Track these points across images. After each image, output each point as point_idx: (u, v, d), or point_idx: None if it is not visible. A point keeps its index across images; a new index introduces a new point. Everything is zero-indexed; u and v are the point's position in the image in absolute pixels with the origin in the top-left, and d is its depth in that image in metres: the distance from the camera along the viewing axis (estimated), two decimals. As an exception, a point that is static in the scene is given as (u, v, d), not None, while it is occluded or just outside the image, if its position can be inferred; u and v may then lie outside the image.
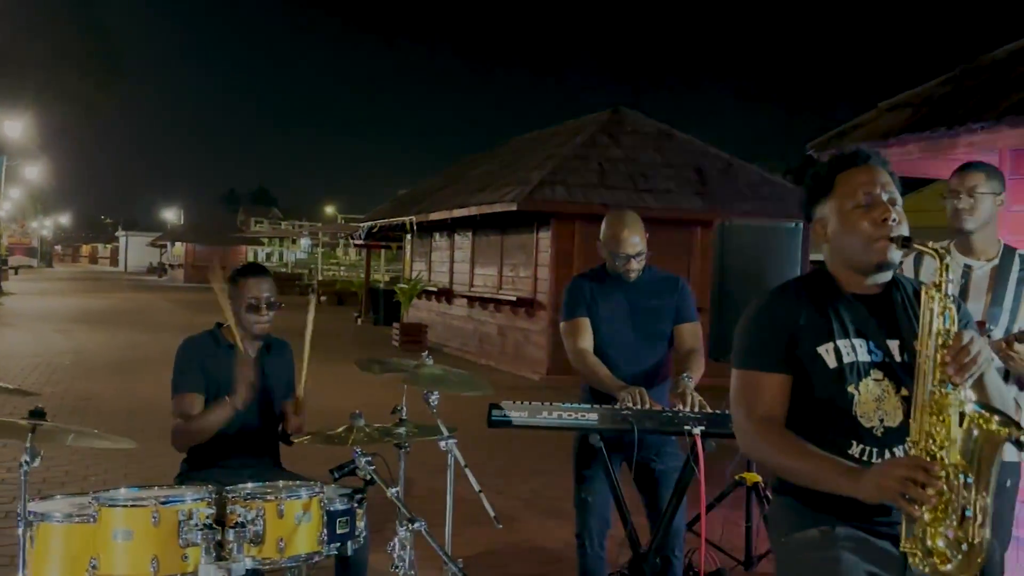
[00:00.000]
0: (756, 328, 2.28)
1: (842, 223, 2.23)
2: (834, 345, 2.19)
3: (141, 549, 2.73)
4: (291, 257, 66.10)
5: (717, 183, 13.87)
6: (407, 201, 20.99)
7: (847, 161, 2.29)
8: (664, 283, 3.87)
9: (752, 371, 2.24)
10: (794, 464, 2.13)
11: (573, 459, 3.75)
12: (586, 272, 3.97)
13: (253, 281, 3.60)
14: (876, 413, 2.16)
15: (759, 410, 2.20)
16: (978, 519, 1.89)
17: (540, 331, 13.45)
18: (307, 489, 2.97)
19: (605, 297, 3.78)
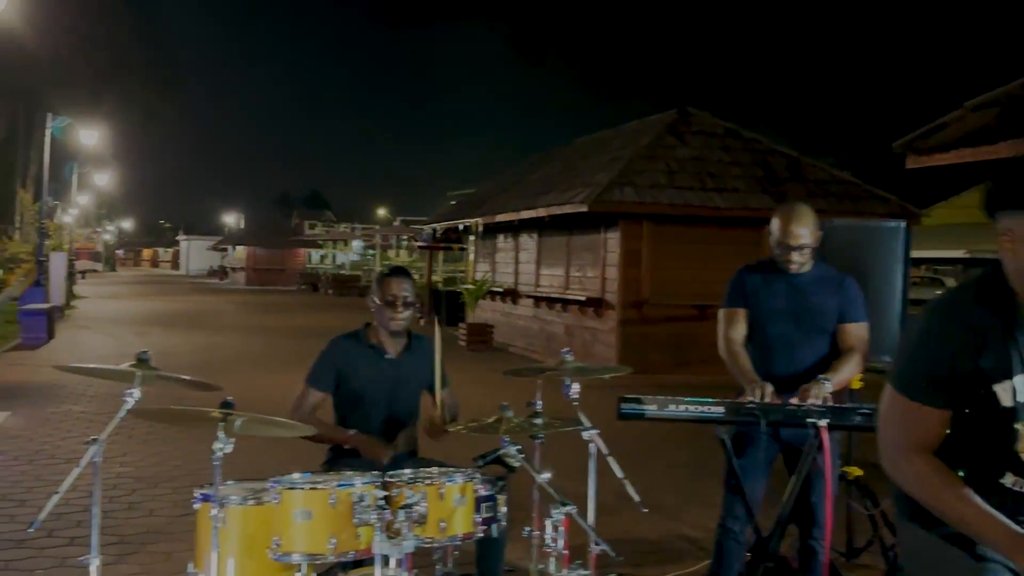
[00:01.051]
0: (928, 356, 2.09)
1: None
2: (1012, 383, 2.04)
3: (320, 528, 2.98)
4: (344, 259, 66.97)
5: (786, 181, 13.90)
6: (469, 204, 21.28)
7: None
8: (830, 281, 3.93)
9: (916, 402, 2.08)
10: (951, 509, 2.02)
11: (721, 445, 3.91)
12: (753, 264, 4.06)
13: (395, 281, 3.89)
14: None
15: (915, 440, 2.08)
16: None
17: (609, 330, 13.61)
18: (462, 474, 3.20)
19: (768, 289, 3.88)
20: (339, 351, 3.94)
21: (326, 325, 21.93)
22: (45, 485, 6.46)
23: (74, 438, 8.11)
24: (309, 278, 46.16)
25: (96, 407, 9.76)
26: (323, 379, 3.92)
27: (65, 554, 5.02)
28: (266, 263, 49.21)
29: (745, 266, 4.08)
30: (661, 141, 14.32)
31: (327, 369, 3.91)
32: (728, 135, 14.86)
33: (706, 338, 13.35)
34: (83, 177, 36.21)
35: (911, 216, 13.81)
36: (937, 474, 2.04)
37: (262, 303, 31.48)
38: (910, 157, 7.14)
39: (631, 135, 15.77)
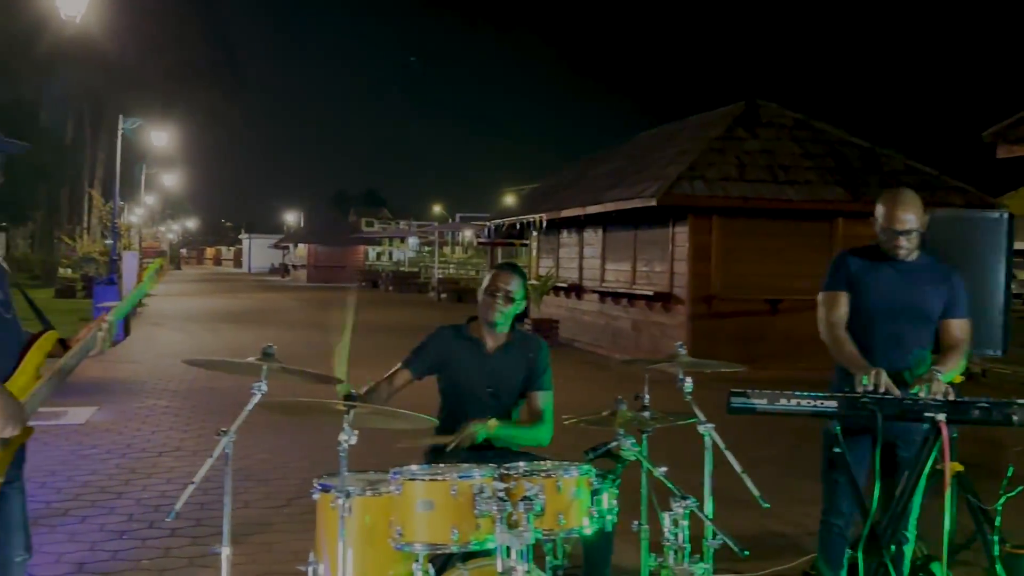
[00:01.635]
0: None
1: None
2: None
3: (442, 519, 3.02)
4: (400, 256, 67.67)
5: (859, 172, 13.65)
6: (532, 199, 21.29)
7: None
8: (937, 272, 3.88)
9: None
10: None
11: (823, 436, 3.85)
12: (857, 248, 4.00)
13: (502, 274, 3.94)
14: None
15: None
16: None
17: (678, 325, 13.52)
18: (576, 468, 3.20)
19: (873, 275, 3.83)
20: (441, 340, 3.99)
21: (391, 321, 22.16)
22: (140, 477, 6.64)
23: (162, 432, 8.32)
24: (369, 275, 46.65)
25: (179, 402, 9.99)
26: (418, 364, 3.97)
27: (168, 544, 5.15)
28: (326, 260, 49.85)
29: (848, 249, 4.03)
30: (731, 133, 14.16)
31: (425, 356, 3.97)
32: (798, 126, 14.63)
33: (777, 333, 13.26)
34: (150, 177, 37.06)
35: (991, 207, 13.46)
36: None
37: (325, 299, 31.87)
38: (1001, 147, 6.96)
39: (698, 128, 15.62)
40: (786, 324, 13.03)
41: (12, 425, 2.59)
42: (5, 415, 2.56)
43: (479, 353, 3.96)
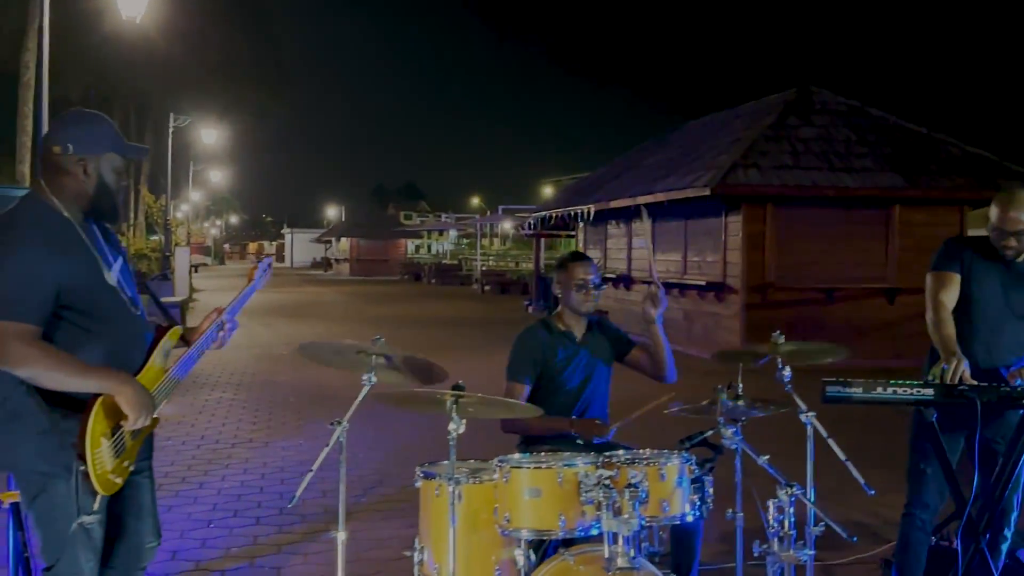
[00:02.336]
0: None
1: None
2: None
3: (549, 505, 3.08)
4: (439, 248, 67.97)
5: (915, 159, 13.47)
6: (578, 190, 21.29)
7: None
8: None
9: None
10: None
11: (912, 425, 3.86)
12: (970, 238, 3.97)
13: (581, 265, 3.99)
14: None
15: None
16: None
17: (732, 315, 13.46)
18: (678, 456, 3.24)
19: (983, 265, 3.78)
20: (534, 342, 4.03)
21: (441, 314, 22.34)
22: (218, 468, 6.81)
23: (232, 424, 8.50)
24: (411, 267, 46.97)
25: (244, 394, 10.19)
26: (524, 371, 4.00)
27: (256, 532, 5.28)
28: (368, 254, 50.29)
29: (958, 236, 4.02)
30: (784, 121, 14.04)
31: (527, 361, 4.00)
32: (853, 113, 14.47)
33: (834, 322, 13.16)
34: (196, 174, 37.59)
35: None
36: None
37: (371, 293, 32.18)
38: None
39: (751, 116, 15.51)
40: (843, 313, 12.93)
41: (145, 415, 2.69)
42: (139, 406, 2.66)
43: (573, 344, 4.04)
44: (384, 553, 4.87)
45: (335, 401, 9.67)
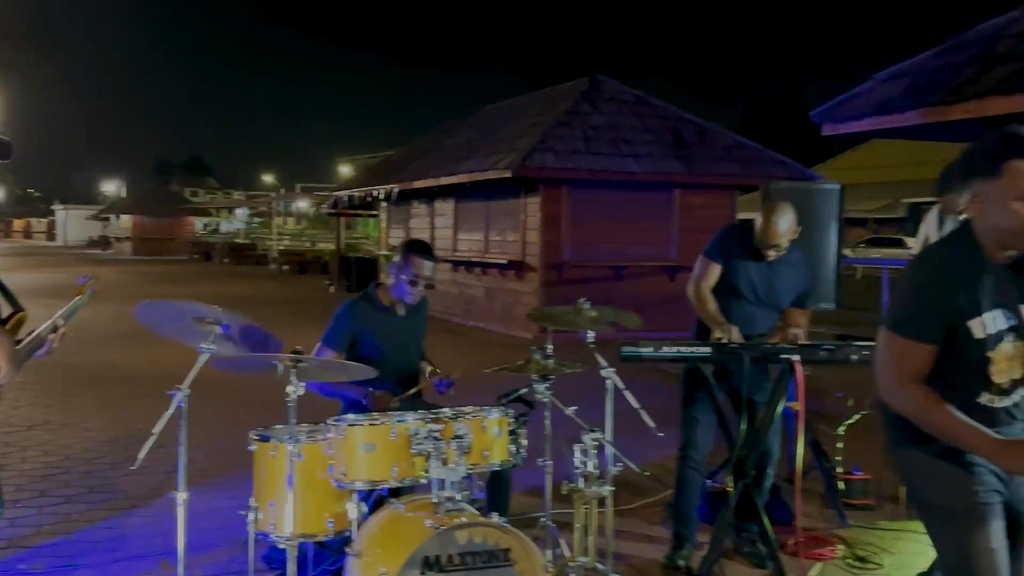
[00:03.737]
0: (918, 301, 2.49)
1: (1003, 209, 2.40)
2: (981, 319, 2.44)
3: (383, 459, 3.36)
4: (229, 227, 65.55)
5: (694, 147, 14.63)
6: (381, 170, 21.38)
7: (1019, 147, 2.40)
8: (797, 266, 4.47)
9: (908, 340, 2.46)
10: (942, 425, 2.42)
11: (682, 386, 4.44)
12: (742, 226, 4.47)
13: (424, 263, 4.21)
14: (1008, 370, 2.48)
15: (909, 372, 2.46)
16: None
17: (531, 292, 14.12)
18: (498, 410, 3.61)
19: (744, 260, 4.37)
20: (356, 314, 4.24)
21: (240, 294, 21.80)
22: (17, 451, 6.56)
23: (24, 407, 8.13)
24: (201, 247, 45.10)
25: (33, 377, 9.68)
26: (339, 340, 4.21)
27: (67, 510, 5.20)
28: (153, 232, 47.70)
29: (734, 225, 4.59)
30: (577, 108, 14.82)
31: (343, 331, 4.21)
32: (638, 102, 15.48)
33: (623, 297, 14.09)
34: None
35: (808, 179, 14.76)
36: (928, 398, 2.44)
37: (158, 273, 30.72)
38: (826, 125, 7.82)
39: (546, 103, 16.22)
40: (630, 288, 13.88)
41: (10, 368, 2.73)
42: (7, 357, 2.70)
43: (394, 319, 4.29)
44: (220, 514, 4.99)
45: (133, 382, 9.48)
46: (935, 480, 2.53)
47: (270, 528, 3.52)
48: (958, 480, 2.48)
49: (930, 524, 2.60)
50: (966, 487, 2.47)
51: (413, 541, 3.13)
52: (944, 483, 2.51)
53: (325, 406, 4.14)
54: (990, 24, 7.31)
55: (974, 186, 2.48)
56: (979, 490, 2.47)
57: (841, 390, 6.76)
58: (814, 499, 5.49)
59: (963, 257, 2.49)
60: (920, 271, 2.56)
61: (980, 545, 2.44)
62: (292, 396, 3.28)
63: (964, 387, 2.49)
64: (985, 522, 2.45)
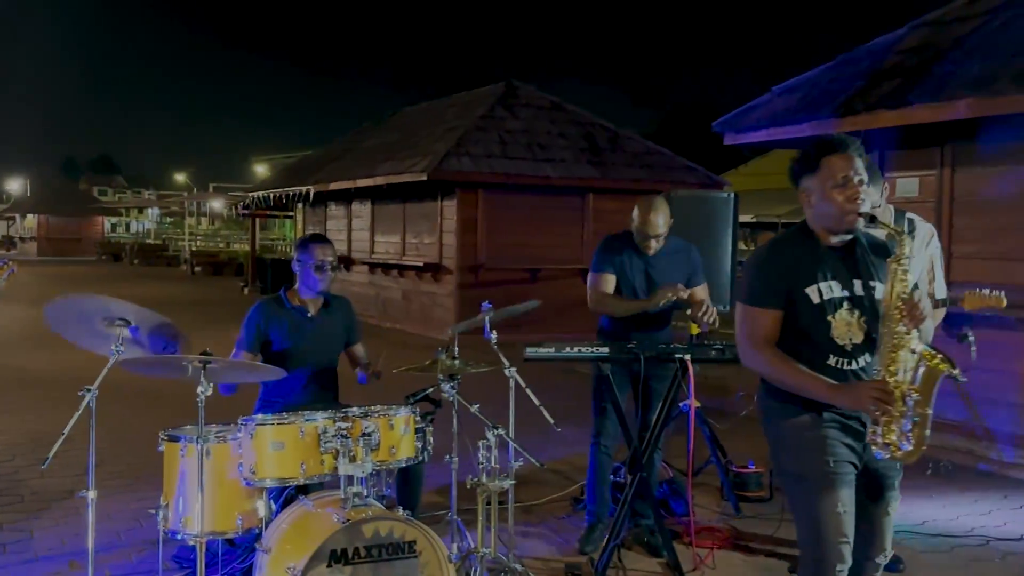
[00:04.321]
0: (760, 275, 2.93)
1: (823, 197, 2.87)
2: (817, 287, 2.86)
3: (291, 457, 3.48)
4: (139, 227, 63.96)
5: (607, 152, 14.98)
6: (297, 171, 21.22)
7: (831, 147, 2.89)
8: (680, 253, 4.72)
9: (756, 307, 2.90)
10: (790, 378, 2.83)
11: (593, 379, 4.66)
12: (618, 235, 4.74)
13: (320, 247, 4.34)
14: (847, 334, 2.85)
15: (761, 336, 2.88)
16: (921, 425, 2.74)
17: (448, 294, 14.26)
18: (405, 409, 3.76)
19: (629, 261, 4.63)
20: (264, 315, 4.33)
21: (152, 295, 21.34)
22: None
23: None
24: (110, 247, 43.90)
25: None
26: (249, 341, 4.30)
27: None
28: (59, 232, 46.21)
29: (610, 236, 4.81)
30: (493, 113, 15.02)
31: (253, 332, 4.30)
32: (554, 108, 15.77)
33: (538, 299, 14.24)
34: None
35: (716, 184, 15.27)
36: (777, 356, 2.86)
37: (66, 274, 29.81)
38: (728, 135, 8.17)
39: (463, 107, 16.37)
40: (545, 291, 14.10)
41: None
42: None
43: (304, 319, 4.38)
44: (128, 514, 5.01)
45: (41, 385, 9.28)
46: (793, 450, 2.91)
47: (179, 526, 3.60)
48: (812, 451, 2.85)
49: (788, 489, 3.00)
50: (819, 457, 2.84)
51: (320, 535, 3.26)
52: (800, 453, 2.88)
53: (235, 406, 4.22)
54: (878, 41, 7.75)
55: (802, 184, 2.96)
56: (830, 460, 2.83)
57: (742, 388, 7.11)
58: (711, 492, 5.77)
59: (798, 240, 2.97)
60: (762, 253, 3.02)
61: (828, 508, 2.81)
62: (201, 397, 3.37)
63: (814, 351, 2.86)
64: (834, 488, 2.82)
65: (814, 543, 2.86)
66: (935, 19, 7.54)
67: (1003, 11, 6.91)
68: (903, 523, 5.03)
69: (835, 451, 2.84)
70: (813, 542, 2.87)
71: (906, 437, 2.75)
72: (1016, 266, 6.35)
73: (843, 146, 2.90)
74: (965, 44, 6.78)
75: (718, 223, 5.87)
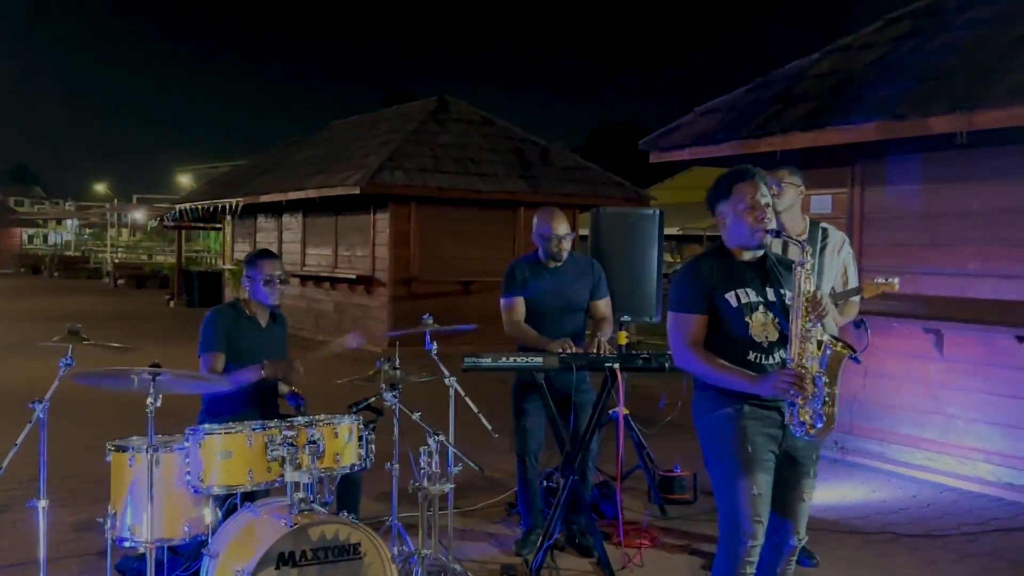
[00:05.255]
0: (685, 285, 3.34)
1: (735, 218, 3.33)
2: (735, 292, 3.28)
3: (239, 464, 3.60)
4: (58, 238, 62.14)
5: (538, 167, 15.28)
6: (226, 183, 21.05)
7: (739, 176, 3.37)
8: (583, 267, 4.94)
9: (684, 313, 3.31)
10: (716, 372, 3.22)
11: (513, 396, 4.87)
12: (520, 259, 4.99)
13: (269, 263, 4.49)
14: (763, 332, 3.26)
15: (690, 338, 3.28)
16: (830, 403, 3.18)
17: (380, 306, 14.35)
18: (349, 417, 3.91)
19: (535, 280, 4.84)
20: (226, 320, 4.46)
21: (76, 309, 20.92)
22: None
23: None
24: (28, 260, 42.65)
25: None
26: (218, 343, 4.40)
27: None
28: (-26, 244, 44.77)
29: (515, 262, 5.03)
30: (425, 127, 15.20)
31: (220, 334, 4.41)
32: (484, 123, 16.02)
33: (470, 311, 14.56)
34: None
35: (642, 199, 15.70)
36: (706, 355, 3.25)
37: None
38: (653, 153, 8.49)
39: (396, 120, 16.51)
40: (477, 303, 14.31)
41: None
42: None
43: (257, 328, 4.52)
44: (67, 526, 5.04)
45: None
46: (717, 439, 3.27)
47: (127, 533, 3.69)
48: (733, 439, 3.21)
49: (712, 475, 3.32)
50: (739, 444, 3.20)
51: (268, 539, 3.39)
52: (723, 442, 3.25)
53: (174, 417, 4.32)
54: (793, 65, 8.17)
55: (717, 209, 3.41)
56: (748, 447, 3.19)
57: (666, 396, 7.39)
58: (639, 495, 6.03)
59: (716, 256, 3.41)
60: (687, 268, 3.44)
61: (745, 490, 3.17)
62: (151, 407, 3.47)
63: (735, 348, 3.25)
64: (751, 472, 3.17)
65: (731, 521, 3.21)
66: (846, 45, 7.98)
67: (908, 39, 7.39)
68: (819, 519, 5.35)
69: (753, 439, 3.20)
70: (730, 520, 3.21)
71: (818, 415, 3.16)
72: (921, 279, 6.78)
73: (749, 174, 3.36)
74: (873, 70, 7.22)
75: (644, 239, 6.12)
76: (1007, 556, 5.02)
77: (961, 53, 6.67)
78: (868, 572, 4.77)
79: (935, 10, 7.60)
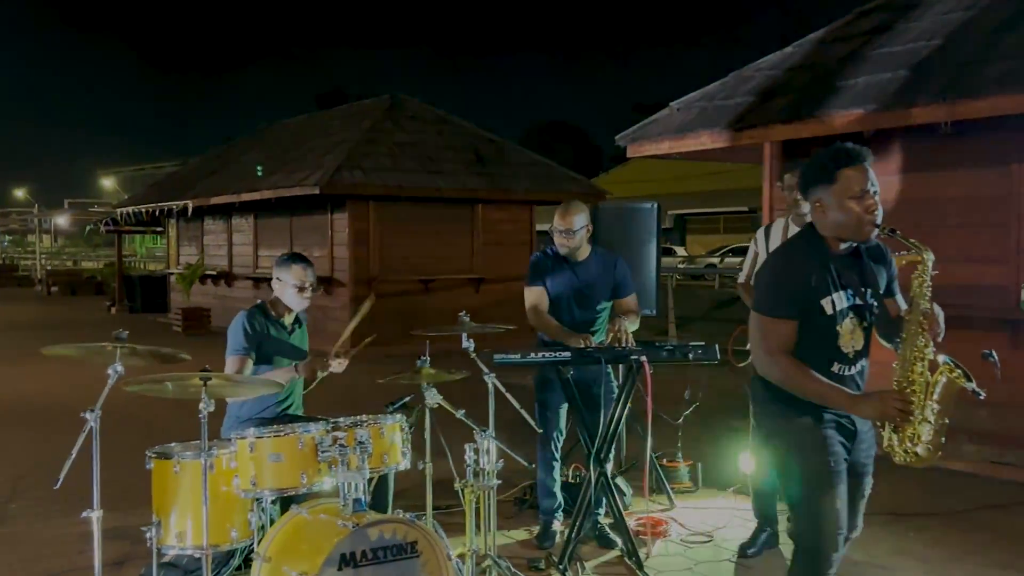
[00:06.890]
0: (778, 286, 2.98)
1: (840, 208, 2.92)
2: (831, 298, 2.94)
3: (291, 467, 3.55)
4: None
5: (493, 164, 15.28)
6: (170, 185, 20.57)
7: (847, 159, 2.94)
8: (606, 263, 4.93)
9: (774, 318, 2.94)
10: (809, 387, 2.90)
11: (536, 388, 4.88)
12: (546, 251, 4.96)
13: (303, 269, 4.44)
14: (850, 343, 2.99)
15: (777, 346, 2.93)
16: (940, 431, 2.90)
17: (341, 307, 14.19)
18: (391, 417, 3.89)
19: (558, 273, 4.86)
20: (256, 323, 4.42)
21: (11, 319, 20.16)
22: None
23: None
24: (-52, 269, 41.01)
25: None
26: (247, 345, 4.36)
27: None
28: None
29: (540, 252, 5.04)
30: (380, 126, 15.08)
31: (251, 340, 4.36)
32: (439, 121, 15.96)
33: (432, 310, 14.50)
34: None
35: (599, 193, 15.82)
36: (794, 365, 2.93)
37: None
38: (631, 147, 8.58)
39: (348, 119, 16.34)
40: (438, 301, 14.29)
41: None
42: None
43: (284, 331, 4.54)
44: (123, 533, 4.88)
45: None
46: (797, 450, 3.03)
47: (173, 540, 3.61)
48: (815, 451, 2.98)
49: (789, 486, 3.11)
50: (822, 456, 2.98)
51: (329, 541, 3.35)
52: (804, 453, 3.01)
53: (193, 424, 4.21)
54: (767, 59, 8.34)
55: (815, 194, 3.01)
56: (831, 460, 2.98)
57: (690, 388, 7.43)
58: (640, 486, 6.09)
59: (810, 250, 3.01)
60: (778, 263, 3.07)
61: (829, 504, 2.97)
62: (203, 412, 3.40)
63: (821, 358, 2.96)
64: (834, 486, 2.98)
65: (814, 535, 3.00)
66: (818, 39, 8.18)
67: (881, 31, 7.60)
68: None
69: (834, 450, 2.99)
70: (813, 535, 3.01)
71: (924, 444, 2.91)
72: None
73: (860, 158, 2.96)
74: (850, 61, 7.41)
75: (642, 232, 6.20)
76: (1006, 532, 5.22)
77: (939, 44, 6.89)
78: (877, 550, 4.91)
79: (906, 5, 7.83)
